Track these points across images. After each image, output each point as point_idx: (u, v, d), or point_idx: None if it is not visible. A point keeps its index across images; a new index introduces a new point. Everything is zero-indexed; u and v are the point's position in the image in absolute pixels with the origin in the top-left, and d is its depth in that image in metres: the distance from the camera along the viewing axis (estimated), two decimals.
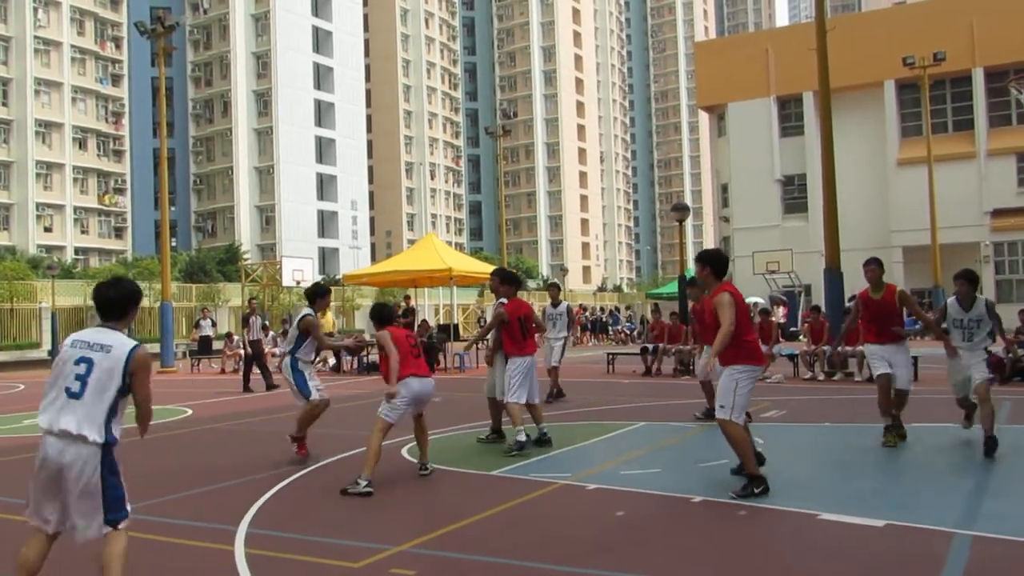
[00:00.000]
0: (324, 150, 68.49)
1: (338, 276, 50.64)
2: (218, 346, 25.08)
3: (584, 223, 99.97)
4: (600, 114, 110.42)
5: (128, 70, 61.79)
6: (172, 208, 61.90)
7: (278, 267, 31.47)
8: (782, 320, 29.66)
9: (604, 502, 5.94)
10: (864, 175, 39.55)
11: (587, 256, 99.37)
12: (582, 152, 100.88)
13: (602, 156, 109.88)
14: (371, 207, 76.85)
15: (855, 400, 11.55)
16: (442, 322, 31.68)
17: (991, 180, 38.17)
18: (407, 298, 25.73)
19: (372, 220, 77.67)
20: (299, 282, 29.09)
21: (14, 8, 54.24)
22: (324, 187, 68.37)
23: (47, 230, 55.61)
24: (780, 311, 31.18)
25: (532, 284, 62.40)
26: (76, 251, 56.31)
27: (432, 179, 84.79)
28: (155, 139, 57.59)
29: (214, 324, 27.01)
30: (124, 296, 3.78)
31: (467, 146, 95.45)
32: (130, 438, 4.00)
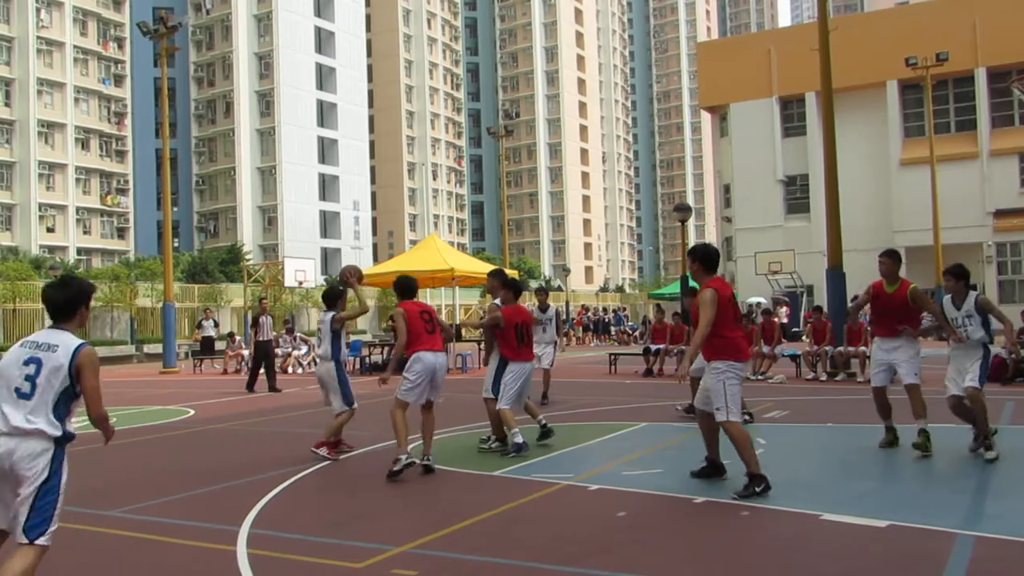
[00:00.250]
0: (326, 150, 68.50)
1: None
2: (220, 347, 25.15)
3: (586, 223, 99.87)
4: (602, 114, 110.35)
5: (131, 70, 61.77)
6: (174, 208, 62.17)
7: (280, 268, 31.46)
8: (784, 320, 29.65)
9: (606, 502, 5.94)
10: (866, 175, 39.47)
11: (589, 256, 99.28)
12: (584, 152, 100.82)
13: (604, 156, 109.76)
14: (373, 207, 76.86)
15: (857, 401, 11.53)
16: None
17: (994, 180, 38.10)
18: None
19: (374, 220, 77.69)
20: (301, 282, 29.07)
21: (17, 8, 54.27)
22: (326, 187, 68.37)
23: (50, 230, 55.63)
24: (783, 311, 31.16)
25: (534, 284, 62.37)
26: (79, 252, 56.31)
27: (434, 179, 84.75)
28: (157, 139, 57.80)
29: (216, 325, 27.11)
30: (71, 297, 3.78)
31: (469, 146, 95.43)
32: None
